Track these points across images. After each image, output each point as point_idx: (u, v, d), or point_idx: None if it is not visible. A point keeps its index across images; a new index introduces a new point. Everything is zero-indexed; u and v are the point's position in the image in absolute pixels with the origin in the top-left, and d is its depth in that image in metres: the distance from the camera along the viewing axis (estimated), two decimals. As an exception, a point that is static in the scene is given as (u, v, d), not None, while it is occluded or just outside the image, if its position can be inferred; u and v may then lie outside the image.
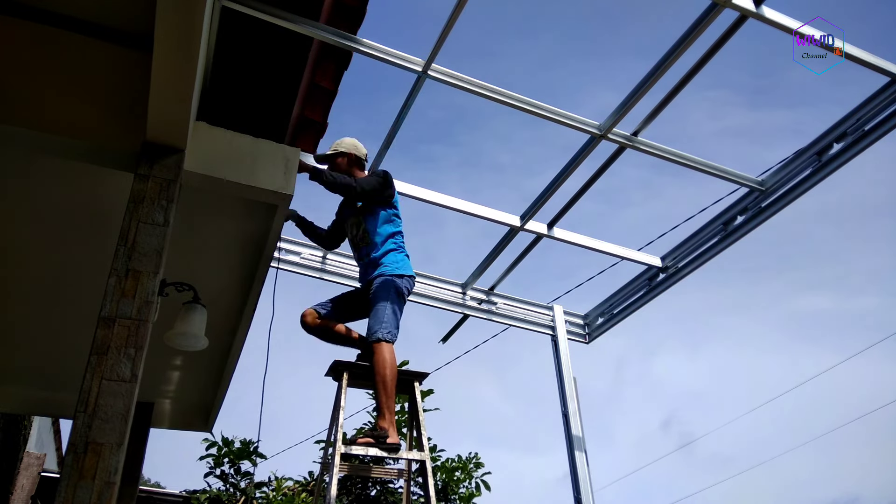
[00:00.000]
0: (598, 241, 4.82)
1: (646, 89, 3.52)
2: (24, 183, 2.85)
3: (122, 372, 1.97)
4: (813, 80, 10.12)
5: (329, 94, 3.29)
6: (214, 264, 3.47)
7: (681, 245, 4.86)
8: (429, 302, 5.10)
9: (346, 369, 3.52)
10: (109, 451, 1.86)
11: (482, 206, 4.47)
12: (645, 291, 5.22)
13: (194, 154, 2.55)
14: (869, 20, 12.08)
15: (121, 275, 2.10)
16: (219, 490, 7.47)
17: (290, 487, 7.89)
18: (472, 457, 8.26)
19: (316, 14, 3.00)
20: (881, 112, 3.66)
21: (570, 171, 4.12)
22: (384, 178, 3.64)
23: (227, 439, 7.66)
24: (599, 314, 5.70)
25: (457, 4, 3.09)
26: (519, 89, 3.59)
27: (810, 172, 4.00)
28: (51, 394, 5.14)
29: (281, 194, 2.73)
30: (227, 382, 4.59)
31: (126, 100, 2.43)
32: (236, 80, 2.92)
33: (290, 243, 4.77)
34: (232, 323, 3.89)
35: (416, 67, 3.40)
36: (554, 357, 5.40)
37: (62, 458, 8.93)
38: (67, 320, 3.94)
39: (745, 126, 32.62)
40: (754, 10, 3.11)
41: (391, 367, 3.34)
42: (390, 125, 3.88)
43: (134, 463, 4.81)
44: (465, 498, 7.86)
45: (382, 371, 3.32)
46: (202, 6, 1.92)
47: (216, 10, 2.59)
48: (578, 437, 4.95)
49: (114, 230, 2.36)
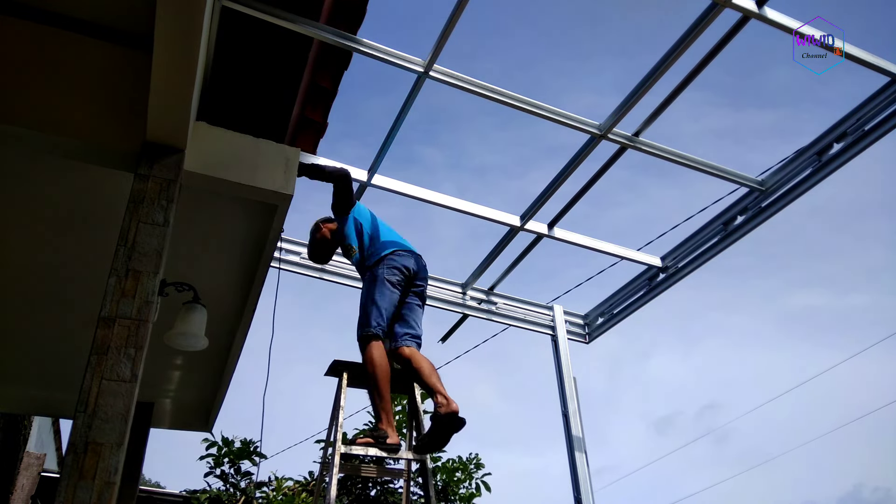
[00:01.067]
0: (598, 241, 4.82)
1: (646, 89, 3.52)
2: (24, 183, 2.85)
3: (122, 372, 1.97)
4: (796, 80, 10.10)
5: (329, 94, 3.29)
6: (214, 264, 3.47)
7: (681, 245, 4.86)
8: (429, 302, 5.09)
9: (346, 369, 3.52)
10: (109, 451, 1.86)
11: (482, 206, 4.47)
12: (645, 291, 5.22)
13: (194, 154, 2.55)
14: (869, 20, 12.07)
15: (121, 275, 2.10)
16: (219, 490, 7.47)
17: (291, 487, 7.89)
18: (473, 457, 8.26)
19: (316, 14, 3.00)
20: (881, 112, 3.66)
21: (569, 172, 4.12)
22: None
23: (227, 439, 7.66)
24: (599, 314, 5.71)
25: (458, 4, 3.09)
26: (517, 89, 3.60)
27: (810, 172, 4.00)
28: (51, 394, 5.14)
29: (281, 194, 2.73)
30: (227, 382, 4.59)
31: (126, 100, 2.43)
32: (236, 79, 2.92)
33: (290, 243, 4.77)
34: (232, 323, 3.89)
35: (418, 68, 3.39)
36: (554, 357, 5.41)
37: (62, 458, 8.93)
38: (67, 320, 3.94)
39: (729, 127, 32.68)
40: (756, 10, 3.11)
41: (378, 365, 3.28)
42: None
43: (134, 463, 4.81)
44: (466, 498, 7.86)
45: (369, 371, 3.30)
46: (202, 6, 1.92)
47: (216, 10, 2.59)
48: (578, 437, 4.95)
49: (114, 230, 2.36)
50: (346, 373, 3.52)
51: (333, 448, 3.20)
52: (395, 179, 4.22)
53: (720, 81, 4.06)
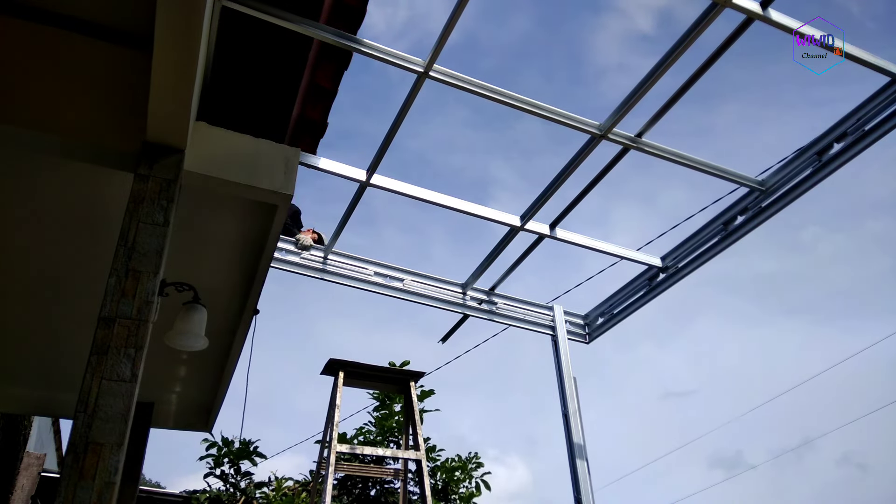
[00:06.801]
0: (598, 241, 4.81)
1: (645, 90, 3.52)
2: (24, 183, 2.85)
3: (122, 372, 1.97)
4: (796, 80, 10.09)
5: (329, 94, 3.29)
6: (214, 264, 3.47)
7: (681, 245, 4.86)
8: (429, 302, 5.09)
9: (342, 368, 3.52)
10: (109, 451, 1.86)
11: (482, 207, 4.47)
12: (645, 291, 5.22)
13: (194, 154, 2.55)
14: (869, 19, 12.07)
15: (121, 275, 2.10)
16: (219, 490, 7.47)
17: (291, 487, 7.90)
18: (472, 456, 8.27)
19: (316, 14, 3.00)
20: (881, 112, 3.66)
21: (569, 172, 4.11)
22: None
23: (227, 439, 7.67)
24: (599, 314, 5.70)
25: (458, 4, 3.09)
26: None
27: (811, 172, 4.00)
28: (51, 394, 5.15)
29: (281, 194, 2.73)
30: (227, 382, 4.59)
31: (126, 100, 2.43)
32: (236, 80, 2.92)
33: (290, 243, 4.77)
34: (232, 323, 3.89)
35: (418, 68, 3.39)
36: (554, 357, 5.40)
37: (62, 458, 8.93)
38: (67, 320, 3.94)
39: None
40: (761, 12, 3.11)
41: None
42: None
43: (134, 463, 4.81)
44: (465, 498, 7.86)
45: None
46: (202, 6, 1.92)
47: (216, 9, 2.59)
48: (578, 436, 4.95)
49: (114, 230, 2.36)
50: (343, 372, 3.52)
51: (329, 446, 3.20)
52: (390, 178, 4.20)
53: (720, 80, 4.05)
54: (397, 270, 5.00)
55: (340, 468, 3.54)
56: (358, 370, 3.58)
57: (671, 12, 4.01)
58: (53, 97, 2.38)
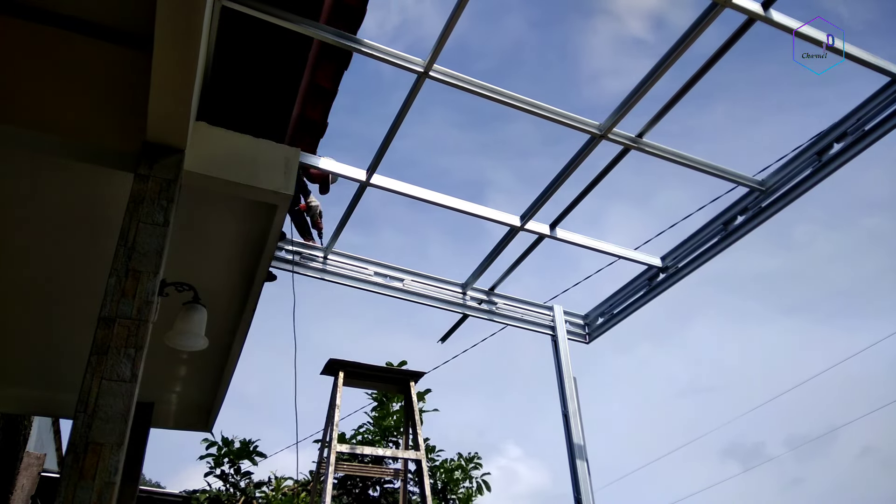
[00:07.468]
0: (598, 241, 4.81)
1: (645, 90, 3.52)
2: (25, 183, 2.85)
3: (122, 372, 1.97)
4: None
5: (329, 94, 3.29)
6: (214, 264, 3.47)
7: (681, 245, 4.85)
8: (429, 302, 5.09)
9: (342, 368, 3.52)
10: (109, 451, 1.86)
11: (482, 207, 4.47)
12: (645, 291, 5.22)
13: (194, 154, 2.55)
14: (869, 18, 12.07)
15: (121, 275, 2.10)
16: (219, 490, 7.48)
17: (290, 487, 7.90)
18: (472, 457, 8.26)
19: (316, 14, 3.00)
20: (881, 112, 3.66)
21: (569, 172, 4.11)
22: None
23: (227, 439, 7.67)
24: (599, 314, 5.70)
25: (458, 4, 3.09)
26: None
27: (810, 172, 4.00)
28: (51, 394, 5.14)
29: (281, 194, 2.73)
30: (227, 382, 4.59)
31: (126, 100, 2.43)
32: (236, 80, 2.92)
33: (290, 243, 4.77)
34: (232, 323, 3.89)
35: (418, 68, 3.39)
36: (554, 357, 5.40)
37: (62, 458, 8.93)
38: (67, 320, 3.94)
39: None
40: (762, 13, 3.11)
41: None
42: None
43: (134, 463, 4.81)
44: (464, 499, 7.86)
45: None
46: (202, 6, 1.92)
47: (216, 9, 2.58)
48: (578, 436, 4.95)
49: (114, 230, 2.36)
50: (343, 372, 3.52)
51: (329, 447, 3.20)
52: (388, 178, 4.20)
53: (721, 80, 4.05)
54: (397, 270, 5.00)
55: (340, 468, 3.54)
56: (358, 370, 3.58)
57: (663, 17, 4.02)
58: (53, 97, 2.38)
